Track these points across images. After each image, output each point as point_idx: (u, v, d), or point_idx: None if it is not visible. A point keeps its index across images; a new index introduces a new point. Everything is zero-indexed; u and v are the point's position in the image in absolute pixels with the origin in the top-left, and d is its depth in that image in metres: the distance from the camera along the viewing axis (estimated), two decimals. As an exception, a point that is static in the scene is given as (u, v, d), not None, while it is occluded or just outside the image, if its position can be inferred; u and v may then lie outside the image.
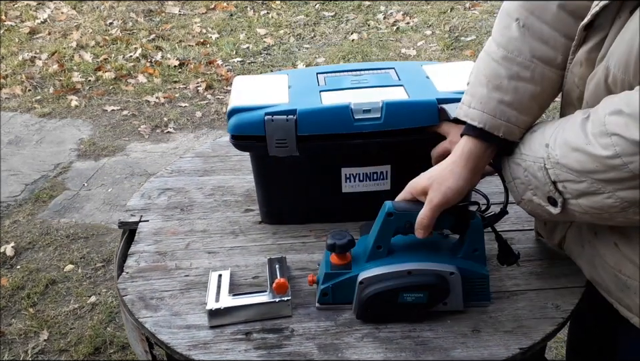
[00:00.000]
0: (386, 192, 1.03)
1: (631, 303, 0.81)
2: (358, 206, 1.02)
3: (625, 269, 0.80)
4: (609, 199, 0.68)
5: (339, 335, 0.84)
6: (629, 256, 0.79)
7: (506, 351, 0.81)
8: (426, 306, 0.85)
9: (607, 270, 0.83)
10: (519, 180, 0.78)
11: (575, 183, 0.70)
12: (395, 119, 0.96)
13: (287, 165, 0.99)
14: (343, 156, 1.01)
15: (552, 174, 0.72)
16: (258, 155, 1.01)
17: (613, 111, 0.66)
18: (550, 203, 0.75)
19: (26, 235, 2.36)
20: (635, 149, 0.63)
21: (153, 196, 1.17)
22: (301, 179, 1.03)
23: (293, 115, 0.95)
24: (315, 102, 0.99)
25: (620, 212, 0.69)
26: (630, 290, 0.80)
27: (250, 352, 0.82)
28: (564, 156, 0.71)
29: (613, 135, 0.65)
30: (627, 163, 0.64)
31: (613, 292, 0.83)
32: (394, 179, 1.03)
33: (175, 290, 0.93)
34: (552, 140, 0.73)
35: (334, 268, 0.86)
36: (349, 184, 1.03)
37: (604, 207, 0.69)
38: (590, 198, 0.70)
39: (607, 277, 0.83)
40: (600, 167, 0.67)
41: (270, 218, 1.08)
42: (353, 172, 1.02)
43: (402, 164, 1.02)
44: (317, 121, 0.96)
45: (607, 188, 0.67)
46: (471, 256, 0.86)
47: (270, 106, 0.97)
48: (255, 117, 0.96)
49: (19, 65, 3.75)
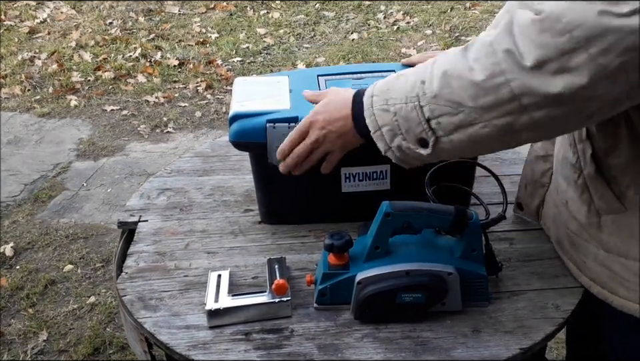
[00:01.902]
0: (385, 192, 1.03)
1: (579, 261, 0.87)
2: (357, 205, 1.02)
3: (572, 225, 0.86)
4: (484, 129, 0.68)
5: (339, 335, 0.84)
6: (574, 214, 0.85)
7: (506, 351, 0.81)
8: (424, 306, 0.85)
9: (562, 226, 0.89)
10: (386, 127, 0.77)
11: (451, 116, 0.70)
12: None
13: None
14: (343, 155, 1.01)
15: (427, 111, 0.72)
16: (257, 155, 1.01)
17: (503, 31, 0.66)
18: (420, 145, 0.75)
19: (25, 235, 2.36)
20: (518, 64, 0.64)
21: (152, 196, 1.17)
22: (301, 179, 1.03)
23: (295, 123, 0.95)
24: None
25: (495, 141, 0.70)
26: (577, 248, 0.86)
27: (250, 352, 0.82)
28: (443, 87, 0.70)
29: (501, 52, 0.65)
30: (510, 80, 0.64)
31: (566, 248, 0.89)
32: (393, 178, 1.03)
33: (174, 290, 0.93)
34: (428, 76, 0.73)
35: (332, 268, 0.86)
36: (348, 184, 1.03)
37: (478, 138, 0.70)
38: (465, 130, 0.70)
39: (563, 233, 0.90)
40: (479, 91, 0.67)
41: (269, 218, 1.08)
42: (353, 171, 1.02)
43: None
44: None
45: (483, 117, 0.67)
46: (469, 256, 0.86)
47: (271, 112, 0.97)
48: (256, 124, 0.96)
49: (18, 65, 3.75)
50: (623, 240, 0.79)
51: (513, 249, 1.01)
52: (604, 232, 0.81)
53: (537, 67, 0.63)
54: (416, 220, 0.85)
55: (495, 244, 0.95)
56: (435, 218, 0.85)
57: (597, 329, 0.92)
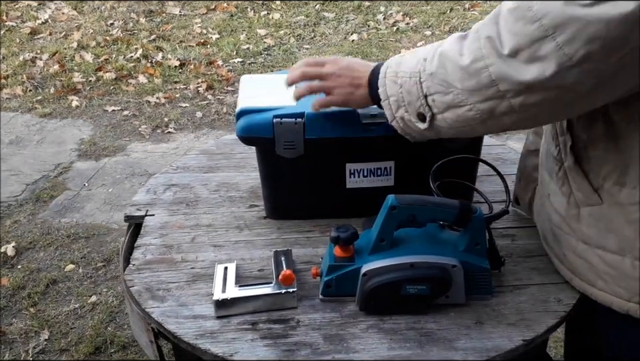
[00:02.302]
0: (390, 188, 1.04)
1: (560, 254, 0.89)
2: (362, 201, 1.03)
3: (554, 218, 0.87)
4: (470, 111, 0.72)
5: (344, 326, 0.85)
6: (555, 206, 0.86)
7: (509, 342, 0.82)
8: (428, 298, 0.86)
9: (545, 219, 0.91)
10: (393, 97, 0.81)
11: (443, 95, 0.74)
12: None
13: (292, 161, 1.01)
14: (348, 152, 1.02)
15: (425, 87, 0.76)
16: (263, 151, 1.02)
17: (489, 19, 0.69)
18: (419, 119, 0.79)
19: (27, 235, 2.36)
20: (497, 51, 0.66)
21: (159, 191, 1.18)
22: (306, 175, 1.04)
23: (301, 118, 0.97)
24: None
25: (480, 124, 0.73)
26: (558, 241, 0.88)
27: (256, 341, 0.83)
28: (439, 67, 0.74)
29: (483, 38, 0.69)
30: (488, 65, 0.67)
31: (549, 241, 0.91)
32: (398, 175, 1.04)
33: (181, 282, 0.94)
34: (430, 55, 0.77)
35: (337, 260, 0.87)
36: (353, 180, 1.04)
37: (466, 120, 0.73)
38: (454, 110, 0.73)
39: (546, 226, 0.91)
40: (464, 75, 0.70)
41: (275, 214, 1.09)
42: (357, 167, 1.03)
43: (406, 160, 1.03)
44: (324, 125, 0.98)
45: (469, 99, 0.71)
46: (472, 250, 0.88)
47: (278, 108, 0.98)
48: (263, 119, 0.98)
49: (19, 65, 3.76)
50: (600, 232, 0.80)
51: (515, 245, 1.02)
52: (582, 223, 0.83)
53: (512, 55, 0.65)
54: (421, 214, 0.86)
55: (498, 240, 0.96)
56: (439, 212, 0.86)
57: (594, 324, 0.93)
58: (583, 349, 1.04)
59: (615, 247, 0.79)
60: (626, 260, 0.78)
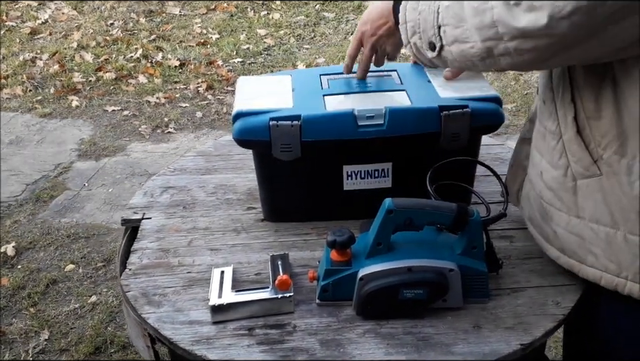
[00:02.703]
0: (387, 190, 1.04)
1: (549, 231, 0.89)
2: (359, 203, 1.03)
3: (546, 195, 0.88)
4: (472, 49, 0.76)
5: (341, 331, 0.85)
6: (548, 183, 0.87)
7: (507, 347, 0.82)
8: (425, 302, 0.85)
9: (535, 199, 0.92)
10: (410, 23, 0.84)
11: (453, 28, 0.77)
12: (398, 125, 0.98)
13: (289, 164, 1.00)
14: (345, 154, 1.02)
15: (440, 18, 0.79)
16: (260, 153, 1.02)
17: None
18: (430, 48, 0.82)
19: (27, 235, 2.36)
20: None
21: (156, 194, 1.17)
22: (303, 177, 1.04)
23: (298, 121, 0.96)
24: (318, 107, 1.00)
25: (480, 62, 0.77)
26: (549, 218, 0.88)
27: (253, 347, 0.82)
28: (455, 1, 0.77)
29: None
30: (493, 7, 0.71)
31: (538, 222, 0.92)
32: (395, 176, 1.04)
33: (177, 287, 0.93)
34: None
35: (334, 264, 0.86)
36: (350, 182, 1.04)
37: (468, 56, 0.77)
38: (459, 45, 0.77)
39: (535, 206, 0.92)
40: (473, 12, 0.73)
41: (272, 216, 1.09)
42: (355, 169, 1.03)
43: (403, 161, 1.03)
44: (321, 127, 0.98)
45: (473, 36, 0.75)
46: (469, 253, 0.87)
47: (274, 111, 0.98)
48: (259, 122, 0.97)
49: (19, 65, 3.76)
50: (597, 204, 0.81)
51: (513, 247, 1.02)
52: (579, 196, 0.83)
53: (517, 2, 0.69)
54: (418, 217, 0.86)
55: (496, 241, 0.96)
56: (436, 215, 0.86)
57: (593, 326, 0.93)
58: (582, 351, 1.04)
59: (609, 220, 0.80)
60: (619, 234, 0.80)
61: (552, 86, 0.86)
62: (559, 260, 0.89)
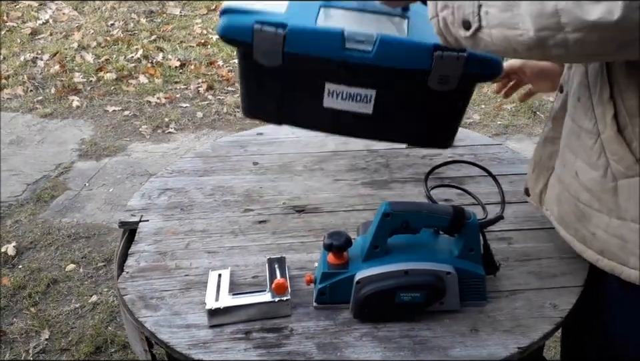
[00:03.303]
0: (367, 116, 0.99)
1: (586, 234, 0.86)
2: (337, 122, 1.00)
3: (582, 197, 0.84)
4: (521, 37, 0.68)
5: (338, 334, 0.85)
6: (585, 183, 0.83)
7: (504, 350, 0.82)
8: (422, 305, 0.85)
9: (569, 201, 0.87)
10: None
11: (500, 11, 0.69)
12: (386, 56, 0.92)
13: (270, 69, 0.96)
14: (329, 71, 0.97)
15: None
16: (243, 53, 0.97)
17: None
18: (463, 27, 0.73)
19: (27, 235, 2.37)
20: None
21: (153, 196, 1.17)
22: (283, 84, 0.99)
23: (283, 30, 0.91)
24: (310, 18, 0.94)
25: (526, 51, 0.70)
26: (587, 220, 0.85)
27: (249, 351, 0.82)
28: None
29: None
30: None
31: (573, 224, 0.88)
32: (377, 104, 0.99)
33: (174, 290, 0.93)
34: None
35: (331, 267, 0.86)
36: (330, 99, 0.99)
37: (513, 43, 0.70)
38: (504, 31, 0.69)
39: (569, 208, 0.88)
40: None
41: (248, 112, 1.06)
42: (337, 89, 0.98)
43: (387, 92, 0.98)
44: (306, 42, 0.92)
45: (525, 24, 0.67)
46: (467, 256, 0.87)
47: (263, 13, 0.93)
48: (244, 22, 0.92)
49: (20, 66, 3.76)
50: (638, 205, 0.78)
51: (511, 248, 1.01)
52: (620, 197, 0.80)
53: None
54: (414, 220, 0.86)
55: (493, 243, 0.95)
56: (433, 218, 0.86)
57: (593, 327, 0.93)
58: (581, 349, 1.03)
59: None
60: None
61: (588, 84, 0.82)
62: (599, 263, 0.86)
